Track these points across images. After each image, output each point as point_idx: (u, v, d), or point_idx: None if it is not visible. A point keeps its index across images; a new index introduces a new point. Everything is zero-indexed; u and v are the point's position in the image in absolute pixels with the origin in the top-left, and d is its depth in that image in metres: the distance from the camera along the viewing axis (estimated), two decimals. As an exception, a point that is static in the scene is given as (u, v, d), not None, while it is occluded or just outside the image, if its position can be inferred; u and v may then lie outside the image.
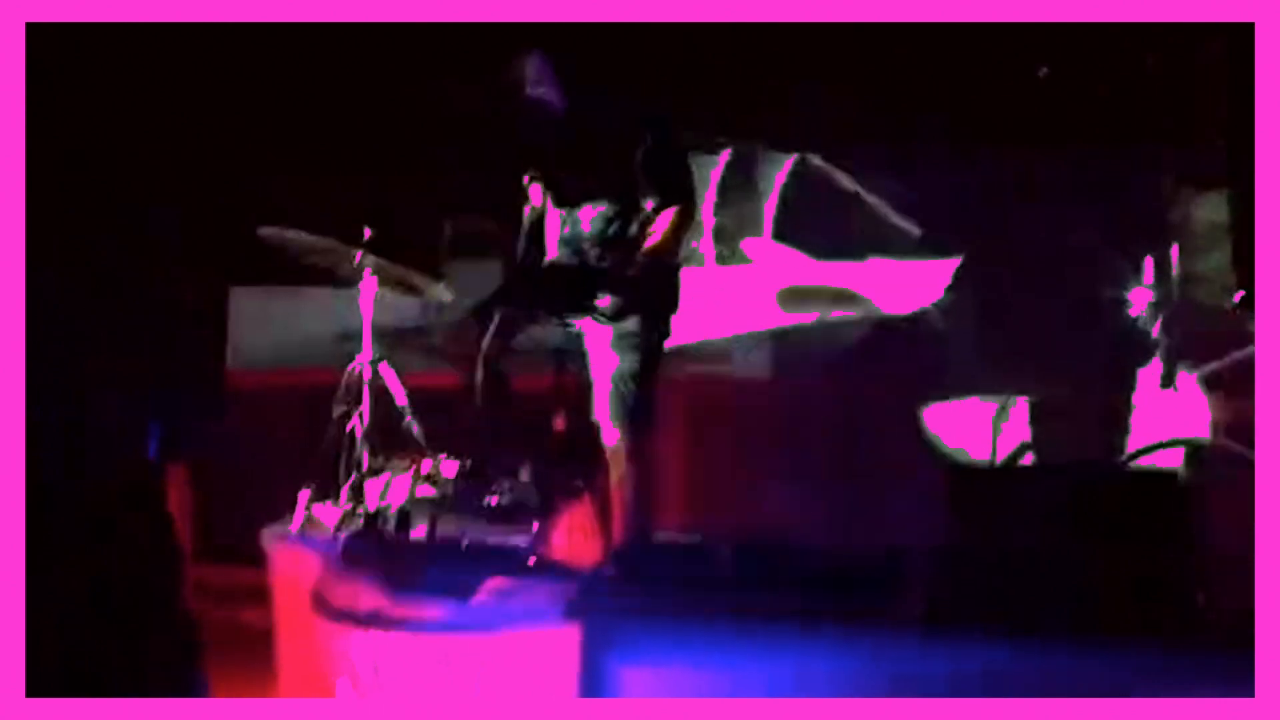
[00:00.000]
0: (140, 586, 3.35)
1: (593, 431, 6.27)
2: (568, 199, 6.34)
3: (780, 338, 7.99)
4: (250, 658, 5.26)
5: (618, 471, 6.28)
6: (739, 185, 8.08)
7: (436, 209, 7.66)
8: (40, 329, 3.19)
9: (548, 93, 6.24)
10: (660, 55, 7.58)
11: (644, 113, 6.30)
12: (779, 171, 8.08)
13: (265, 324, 7.60)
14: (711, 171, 8.08)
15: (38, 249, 3.17)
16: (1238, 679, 3.93)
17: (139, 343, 3.38)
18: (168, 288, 3.39)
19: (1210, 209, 7.64)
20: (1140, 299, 7.55)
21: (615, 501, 6.22)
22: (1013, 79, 7.75)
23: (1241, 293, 6.64)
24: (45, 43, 3.23)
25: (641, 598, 5.00)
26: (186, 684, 3.37)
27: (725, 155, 8.13)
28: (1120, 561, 4.64)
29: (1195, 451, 6.00)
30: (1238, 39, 6.44)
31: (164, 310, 3.43)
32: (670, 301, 6.42)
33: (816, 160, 8.01)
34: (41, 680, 3.14)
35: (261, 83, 7.60)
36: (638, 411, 6.27)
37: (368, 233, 6.29)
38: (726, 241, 8.10)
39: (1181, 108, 7.56)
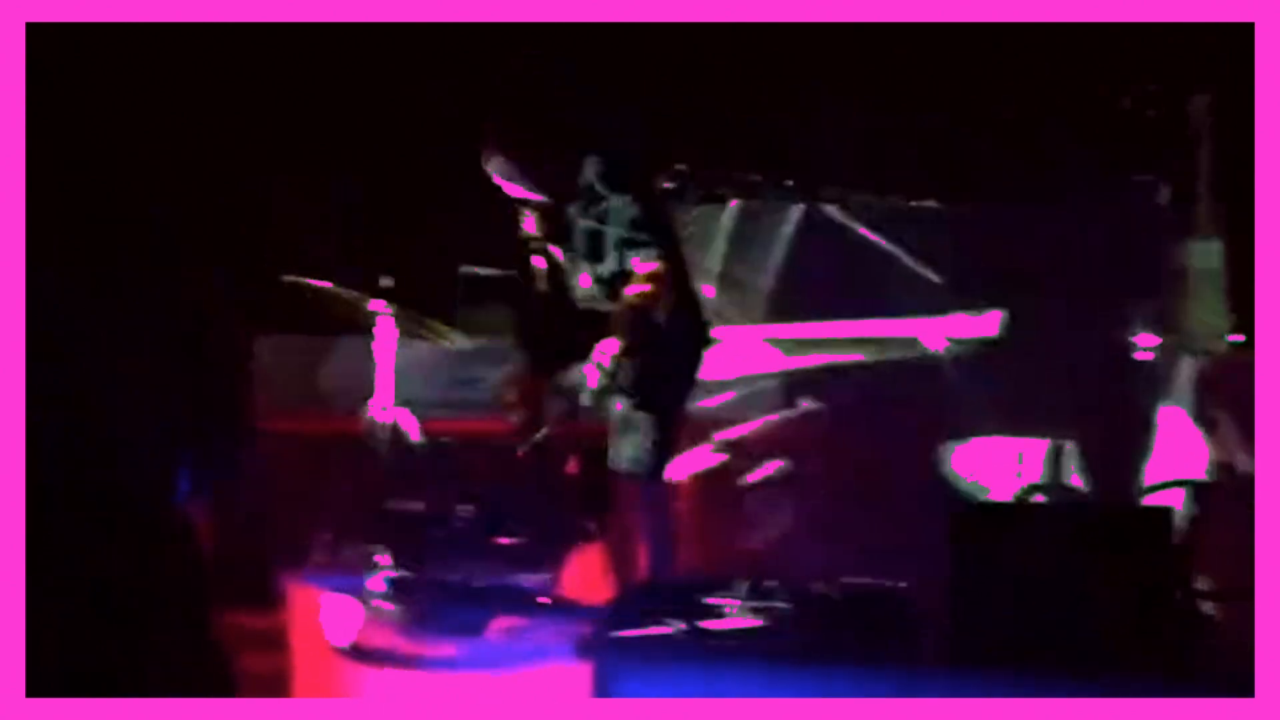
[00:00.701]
0: (151, 587, 3.34)
1: (604, 473, 6.27)
2: (574, 248, 6.40)
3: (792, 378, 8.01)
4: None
5: (635, 518, 6.30)
6: (747, 235, 8.11)
7: (452, 256, 7.71)
8: (40, 329, 3.18)
9: (524, 186, 6.33)
10: (665, 59, 7.64)
11: (616, 172, 6.34)
12: (788, 222, 8.11)
13: (284, 369, 7.63)
14: (721, 221, 8.12)
15: (38, 249, 3.18)
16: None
17: (140, 342, 3.36)
18: (169, 289, 3.38)
19: (1205, 256, 7.70)
20: (1144, 342, 7.59)
21: (633, 547, 6.23)
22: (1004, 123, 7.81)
23: (1239, 336, 6.68)
24: (45, 43, 3.25)
25: (653, 637, 4.98)
26: (204, 687, 3.35)
27: (733, 204, 8.16)
28: (1120, 597, 4.61)
29: (1197, 490, 6.00)
30: (1226, 90, 6.49)
31: (165, 310, 3.42)
32: (696, 353, 6.44)
33: (829, 210, 8.05)
34: (41, 680, 3.12)
35: (265, 84, 7.65)
36: (658, 459, 6.29)
37: (386, 281, 6.36)
38: (734, 291, 8.12)
39: (1175, 154, 7.61)
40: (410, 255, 7.45)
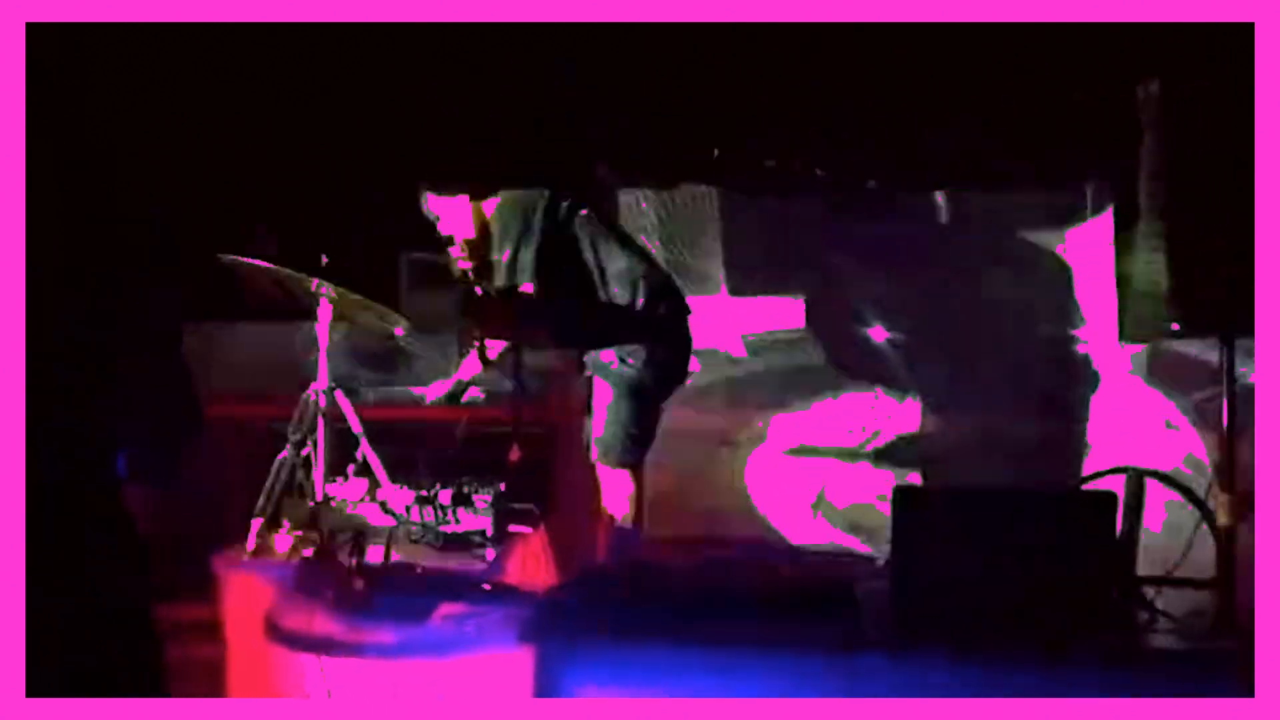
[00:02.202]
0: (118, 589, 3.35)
1: (547, 457, 6.33)
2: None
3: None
4: (203, 687, 5.23)
5: (605, 503, 6.37)
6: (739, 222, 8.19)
7: (393, 240, 7.70)
8: (40, 329, 3.18)
9: (448, 226, 6.40)
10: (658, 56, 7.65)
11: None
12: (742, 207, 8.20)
13: (218, 352, 7.59)
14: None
15: (38, 249, 3.17)
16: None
17: (140, 344, 3.37)
18: (170, 289, 3.39)
19: (1146, 243, 7.82)
20: (1083, 333, 7.73)
21: (594, 533, 6.31)
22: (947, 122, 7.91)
23: (1176, 325, 6.80)
24: (45, 43, 3.24)
25: (597, 621, 5.03)
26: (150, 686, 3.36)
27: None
28: (1062, 582, 4.69)
29: (1138, 477, 6.13)
30: (1171, 80, 6.58)
31: (164, 312, 3.43)
32: (683, 344, 6.52)
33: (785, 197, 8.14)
34: (41, 680, 3.12)
35: (264, 83, 7.58)
36: (635, 448, 6.37)
37: (324, 259, 6.31)
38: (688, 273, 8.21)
39: (1116, 145, 7.73)
40: (353, 238, 7.42)
